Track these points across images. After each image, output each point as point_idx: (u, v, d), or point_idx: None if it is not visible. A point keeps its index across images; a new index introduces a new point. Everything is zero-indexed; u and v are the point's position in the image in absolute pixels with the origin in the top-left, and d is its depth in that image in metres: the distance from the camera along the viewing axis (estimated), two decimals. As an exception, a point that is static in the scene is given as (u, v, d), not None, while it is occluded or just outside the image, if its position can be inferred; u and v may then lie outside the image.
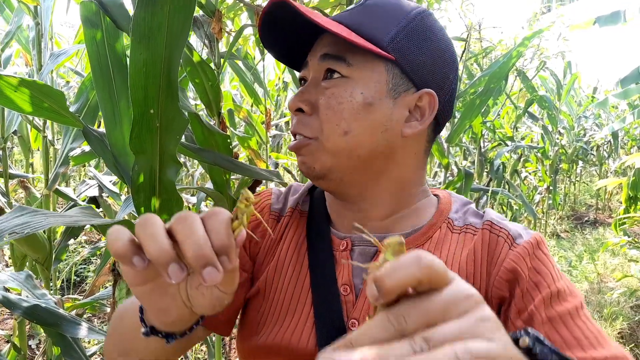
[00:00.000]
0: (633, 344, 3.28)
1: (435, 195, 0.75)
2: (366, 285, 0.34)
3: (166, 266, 0.40)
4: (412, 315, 0.31)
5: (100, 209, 2.19)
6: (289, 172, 3.63)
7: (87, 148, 1.67)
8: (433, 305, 0.31)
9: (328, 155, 0.65)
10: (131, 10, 0.96)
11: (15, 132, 3.15)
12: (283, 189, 0.82)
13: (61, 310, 1.13)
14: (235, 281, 0.48)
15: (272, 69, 4.41)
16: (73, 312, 1.71)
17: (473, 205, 0.73)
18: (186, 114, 0.93)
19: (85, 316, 2.54)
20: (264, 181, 2.29)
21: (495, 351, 0.30)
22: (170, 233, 0.42)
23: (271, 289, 0.71)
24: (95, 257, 4.22)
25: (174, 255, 0.41)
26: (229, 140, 1.41)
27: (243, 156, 3.18)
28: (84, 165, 4.35)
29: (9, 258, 3.24)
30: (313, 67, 0.68)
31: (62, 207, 4.47)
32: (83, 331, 1.12)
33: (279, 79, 4.51)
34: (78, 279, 3.90)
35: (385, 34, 0.65)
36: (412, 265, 0.31)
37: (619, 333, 3.44)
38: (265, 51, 2.65)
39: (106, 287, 1.87)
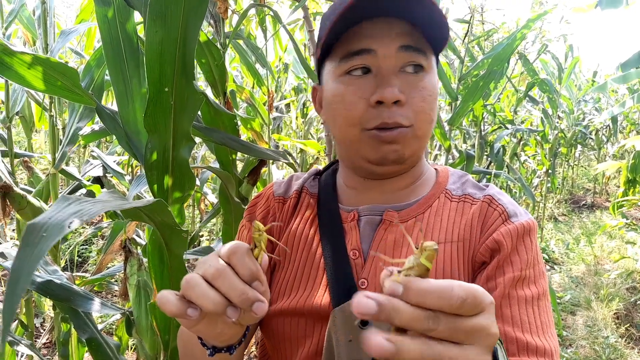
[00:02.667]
0: (628, 324, 3.34)
1: (435, 169, 0.83)
2: (385, 278, 0.41)
3: (224, 312, 0.49)
4: (446, 327, 0.39)
5: (106, 190, 2.21)
6: (289, 154, 3.64)
7: (94, 127, 1.68)
8: (464, 327, 0.40)
9: (417, 141, 0.71)
10: (144, -12, 0.96)
11: (17, 112, 3.14)
12: (283, 179, 0.89)
13: (74, 286, 1.15)
14: (268, 292, 0.55)
15: (271, 50, 4.38)
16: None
17: (470, 177, 0.80)
18: (198, 92, 0.94)
19: (90, 295, 2.55)
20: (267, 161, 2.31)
21: None
22: (210, 283, 0.50)
23: (286, 261, 0.79)
24: (96, 238, 4.25)
25: (226, 302, 0.49)
26: (235, 120, 1.42)
27: (244, 138, 3.18)
28: (86, 146, 4.34)
29: (12, 237, 3.27)
30: (388, 57, 0.68)
31: (63, 188, 4.48)
32: (96, 306, 1.15)
33: (280, 60, 4.48)
34: (80, 259, 3.93)
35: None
36: (443, 299, 0.38)
37: (614, 314, 3.49)
38: (269, 32, 2.63)
39: (109, 267, 1.89)
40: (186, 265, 0.99)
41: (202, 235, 4.33)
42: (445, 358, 0.39)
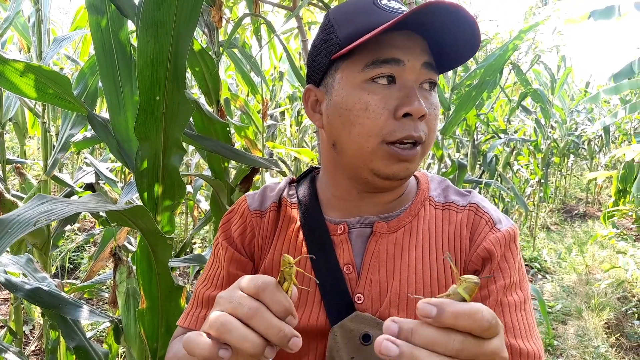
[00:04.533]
0: (619, 334, 3.35)
1: (414, 176, 0.82)
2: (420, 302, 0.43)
3: (263, 353, 0.48)
4: (469, 351, 0.41)
5: (92, 193, 2.20)
6: (284, 162, 3.65)
7: (87, 134, 1.68)
8: (485, 350, 0.42)
9: (422, 158, 0.71)
10: (137, -2, 0.97)
11: (10, 119, 3.13)
12: (257, 191, 0.85)
13: (63, 293, 1.15)
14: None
15: (267, 58, 4.40)
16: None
17: (450, 182, 0.81)
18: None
19: (80, 302, 2.54)
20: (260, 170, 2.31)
21: None
22: (245, 323, 0.48)
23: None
24: (88, 245, 4.22)
25: (265, 343, 0.48)
26: (227, 129, 1.42)
27: (238, 145, 3.19)
28: (78, 153, 4.33)
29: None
30: (413, 71, 0.67)
31: (55, 194, 4.45)
32: (84, 313, 1.14)
33: (275, 68, 4.50)
34: (71, 266, 3.91)
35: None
36: (475, 320, 0.41)
37: (605, 323, 3.50)
38: (264, 41, 2.65)
39: (99, 274, 1.88)
40: (177, 273, 0.99)
41: (195, 243, 4.32)
42: None
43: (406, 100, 0.65)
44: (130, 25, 1.09)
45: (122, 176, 3.29)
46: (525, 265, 4.82)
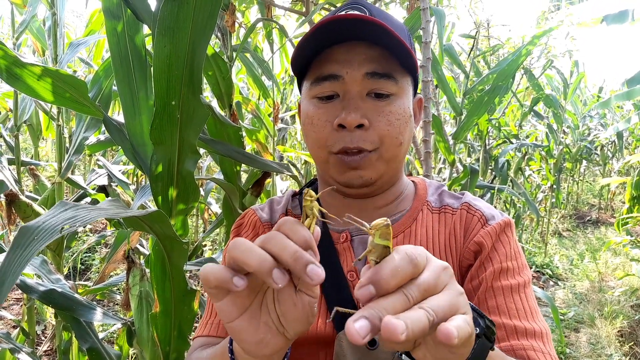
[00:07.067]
0: (633, 342, 3.30)
1: (412, 182, 0.85)
2: (361, 276, 0.41)
3: (270, 273, 0.43)
4: (418, 292, 0.40)
5: (110, 198, 2.21)
6: (294, 165, 3.65)
7: (101, 137, 1.69)
8: (428, 283, 0.41)
9: (384, 163, 0.71)
10: (152, 3, 0.98)
11: (24, 121, 3.17)
12: (262, 204, 0.87)
13: (76, 295, 1.16)
14: None
15: (277, 62, 4.41)
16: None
17: (446, 187, 0.83)
18: (204, 105, 0.95)
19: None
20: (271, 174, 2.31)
21: (468, 322, 0.40)
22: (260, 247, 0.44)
23: None
24: (99, 246, 4.25)
25: (275, 262, 0.43)
26: (240, 132, 1.43)
27: (249, 149, 3.20)
28: (91, 155, 4.37)
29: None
30: (354, 83, 0.69)
31: (68, 196, 4.49)
32: (98, 316, 1.15)
33: (286, 72, 4.51)
34: (83, 267, 3.93)
35: (409, 47, 0.70)
36: (408, 267, 0.40)
37: (618, 332, 3.46)
38: (276, 45, 2.66)
39: (111, 276, 1.89)
40: (188, 276, 0.99)
41: (205, 245, 4.33)
42: (442, 309, 0.39)
43: (342, 112, 0.68)
44: (146, 29, 1.10)
45: (135, 178, 3.32)
46: (537, 271, 4.77)
